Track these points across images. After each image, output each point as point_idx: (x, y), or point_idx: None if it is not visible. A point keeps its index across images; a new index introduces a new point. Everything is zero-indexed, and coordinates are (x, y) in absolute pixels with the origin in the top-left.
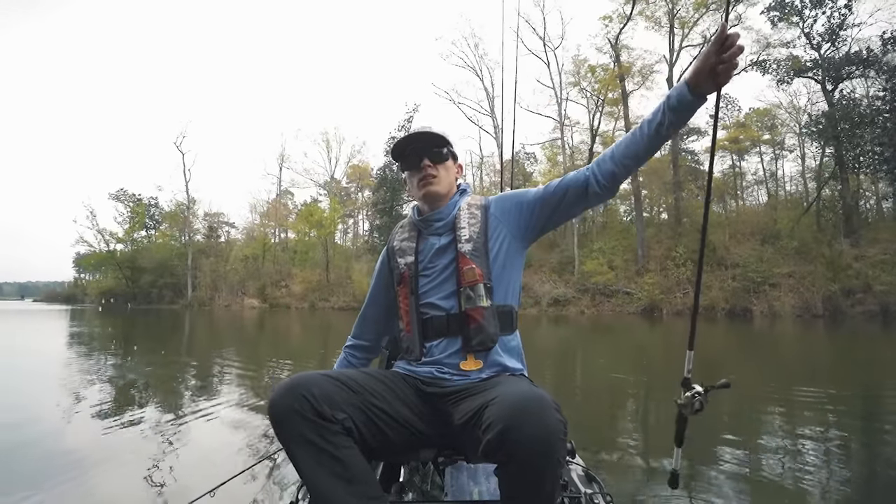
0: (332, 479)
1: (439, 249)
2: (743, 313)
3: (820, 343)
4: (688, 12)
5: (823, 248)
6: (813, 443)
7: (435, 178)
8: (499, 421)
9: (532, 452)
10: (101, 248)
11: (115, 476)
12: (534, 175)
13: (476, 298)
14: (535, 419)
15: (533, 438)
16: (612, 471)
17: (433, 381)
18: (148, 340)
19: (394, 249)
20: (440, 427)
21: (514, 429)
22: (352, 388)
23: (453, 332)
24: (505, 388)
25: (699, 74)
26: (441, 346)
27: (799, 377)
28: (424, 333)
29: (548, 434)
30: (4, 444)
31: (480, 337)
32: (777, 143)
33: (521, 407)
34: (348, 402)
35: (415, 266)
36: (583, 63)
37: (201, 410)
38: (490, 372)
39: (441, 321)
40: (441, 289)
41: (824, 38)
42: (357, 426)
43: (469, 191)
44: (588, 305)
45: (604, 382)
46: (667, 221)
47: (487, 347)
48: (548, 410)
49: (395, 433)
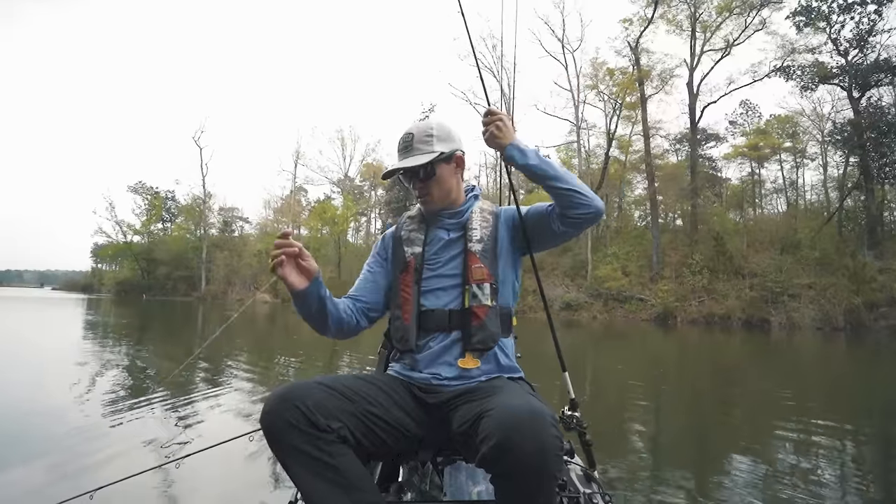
0: (328, 487)
1: (447, 243)
2: (760, 324)
3: (842, 358)
4: (710, 16)
5: (846, 260)
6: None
7: (428, 195)
8: (494, 434)
9: (527, 468)
10: (118, 240)
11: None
12: None
13: (482, 297)
14: (530, 434)
15: (528, 454)
16: (612, 471)
17: (430, 389)
18: (186, 333)
19: (401, 238)
20: (439, 432)
21: (509, 443)
22: (347, 396)
23: (454, 327)
24: (502, 399)
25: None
26: (439, 340)
27: (821, 399)
28: (421, 324)
29: (543, 450)
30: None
31: (482, 335)
32: (798, 151)
33: (518, 421)
34: (343, 411)
35: (421, 256)
36: (601, 66)
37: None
38: (488, 374)
39: (441, 315)
40: (444, 282)
41: (852, 45)
42: (353, 434)
43: (480, 194)
44: (600, 311)
45: (619, 389)
46: (682, 228)
47: (488, 347)
48: (544, 426)
49: (393, 439)
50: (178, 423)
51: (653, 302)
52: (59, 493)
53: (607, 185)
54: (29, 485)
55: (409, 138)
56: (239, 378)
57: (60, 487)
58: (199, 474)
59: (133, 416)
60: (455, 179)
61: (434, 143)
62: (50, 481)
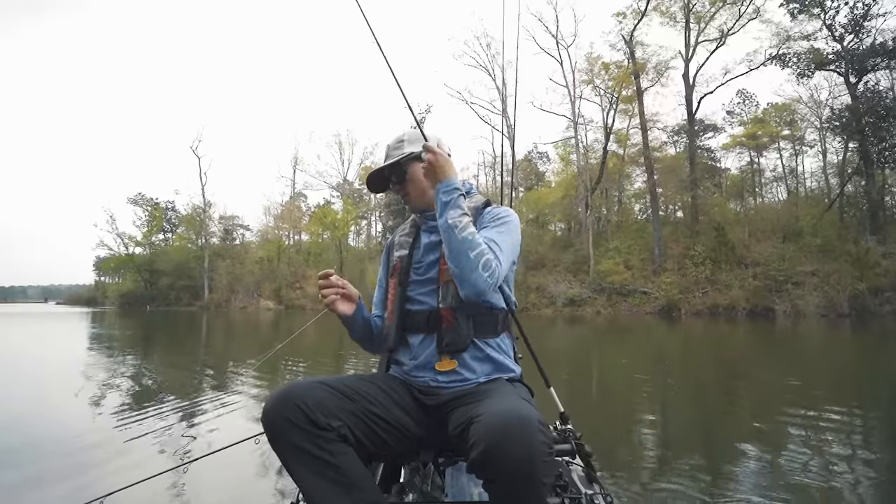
0: (329, 486)
1: (429, 246)
2: (765, 313)
3: (848, 344)
4: (704, 6)
5: (849, 246)
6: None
7: (406, 196)
8: (481, 441)
9: (515, 474)
10: (120, 252)
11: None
12: (546, 174)
13: (451, 298)
14: (518, 440)
15: (516, 459)
16: (612, 472)
17: (429, 391)
18: (192, 342)
19: (394, 243)
20: (439, 433)
21: (496, 450)
22: (347, 395)
23: (431, 328)
24: (491, 405)
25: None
26: (418, 340)
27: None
28: (403, 325)
29: (530, 456)
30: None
31: (451, 337)
32: (797, 139)
33: (506, 427)
34: (344, 409)
35: (407, 259)
36: (596, 61)
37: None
38: (487, 375)
39: (421, 316)
40: (424, 285)
41: (847, 30)
42: (353, 433)
43: (474, 191)
44: (604, 305)
45: (624, 383)
46: (683, 220)
47: (459, 349)
48: (531, 432)
49: (394, 438)
50: (186, 428)
51: (656, 295)
52: (71, 500)
53: (606, 179)
54: (41, 493)
55: (387, 149)
56: (245, 383)
57: (70, 492)
58: (206, 478)
59: (140, 423)
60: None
61: (405, 147)
62: (60, 488)
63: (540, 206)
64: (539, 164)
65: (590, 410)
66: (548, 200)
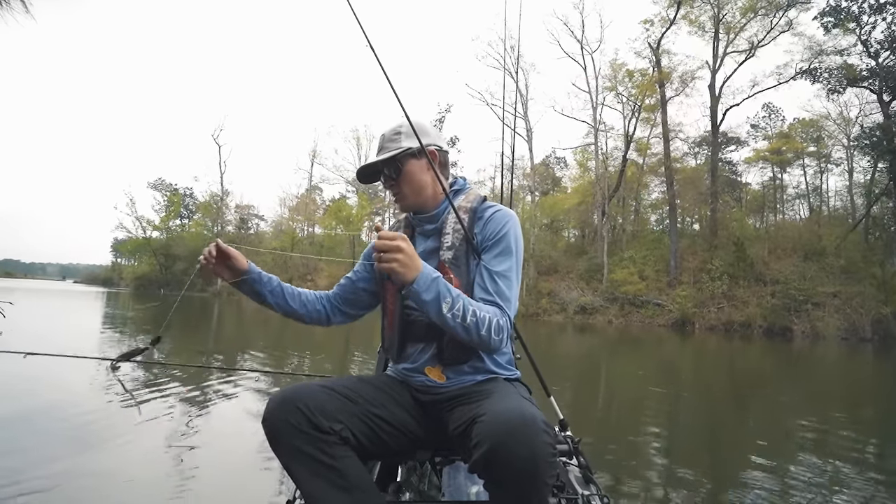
0: (330, 489)
1: (427, 253)
2: (782, 332)
3: (870, 369)
4: (734, 17)
5: (874, 269)
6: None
7: (399, 195)
8: (485, 441)
9: (519, 474)
10: (137, 235)
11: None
12: (563, 180)
13: None
14: (523, 440)
15: (520, 460)
16: (614, 472)
17: (426, 390)
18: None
19: None
20: (438, 431)
21: (500, 450)
22: (348, 398)
23: (431, 338)
24: (495, 404)
25: None
26: (420, 350)
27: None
28: (404, 333)
29: (535, 456)
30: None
31: (451, 350)
32: (823, 156)
33: (510, 427)
34: (345, 412)
35: None
36: (620, 67)
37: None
38: (485, 375)
39: (421, 326)
40: None
41: (883, 46)
42: (355, 435)
43: (466, 188)
44: (616, 315)
45: (639, 395)
46: (700, 233)
47: (459, 361)
48: (536, 433)
49: (395, 439)
50: (183, 421)
51: (670, 307)
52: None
53: (624, 187)
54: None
55: (381, 140)
56: (247, 377)
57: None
58: (203, 472)
59: (142, 413)
60: (428, 176)
61: (402, 140)
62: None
63: (555, 212)
64: (556, 169)
65: (608, 427)
66: (563, 206)
